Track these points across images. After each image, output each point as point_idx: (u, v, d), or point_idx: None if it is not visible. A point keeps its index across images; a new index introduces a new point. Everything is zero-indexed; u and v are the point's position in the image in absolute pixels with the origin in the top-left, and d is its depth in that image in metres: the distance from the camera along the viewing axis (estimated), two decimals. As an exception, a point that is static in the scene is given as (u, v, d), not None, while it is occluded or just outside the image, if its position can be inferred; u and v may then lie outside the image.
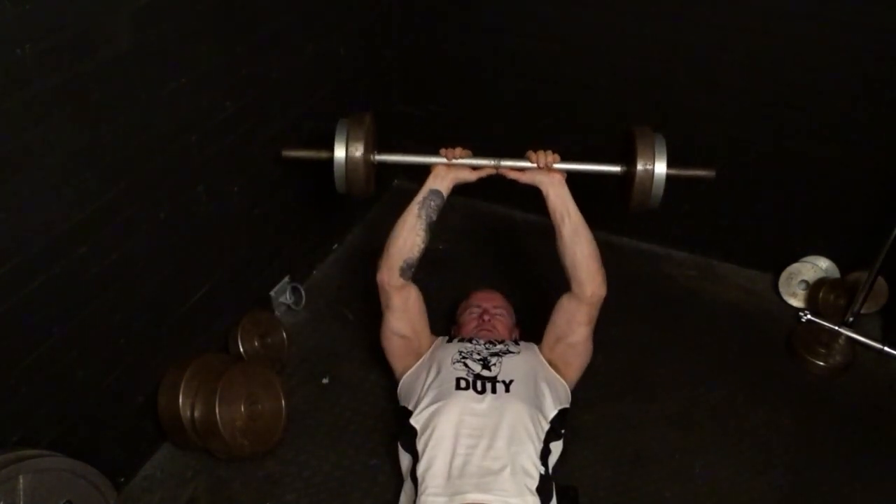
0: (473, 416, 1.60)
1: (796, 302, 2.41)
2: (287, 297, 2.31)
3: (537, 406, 1.67)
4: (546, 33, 2.35)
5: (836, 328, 2.15)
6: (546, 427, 1.65)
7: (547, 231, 1.82)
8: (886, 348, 2.11)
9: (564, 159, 1.80)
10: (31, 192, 1.34)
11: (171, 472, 1.84)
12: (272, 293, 2.26)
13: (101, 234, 1.53)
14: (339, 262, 2.57)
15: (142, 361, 1.76)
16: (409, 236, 1.78)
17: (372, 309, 2.31)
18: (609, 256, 1.84)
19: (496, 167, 1.82)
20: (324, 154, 1.82)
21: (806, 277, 2.39)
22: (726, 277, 2.53)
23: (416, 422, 1.65)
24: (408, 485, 1.62)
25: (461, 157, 1.82)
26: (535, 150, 1.79)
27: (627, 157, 1.80)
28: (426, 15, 2.51)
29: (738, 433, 1.98)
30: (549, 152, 1.79)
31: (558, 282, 1.90)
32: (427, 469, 1.55)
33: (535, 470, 1.54)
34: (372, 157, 1.85)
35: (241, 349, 2.02)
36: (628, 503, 1.81)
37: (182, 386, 1.76)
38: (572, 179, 1.83)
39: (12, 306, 1.37)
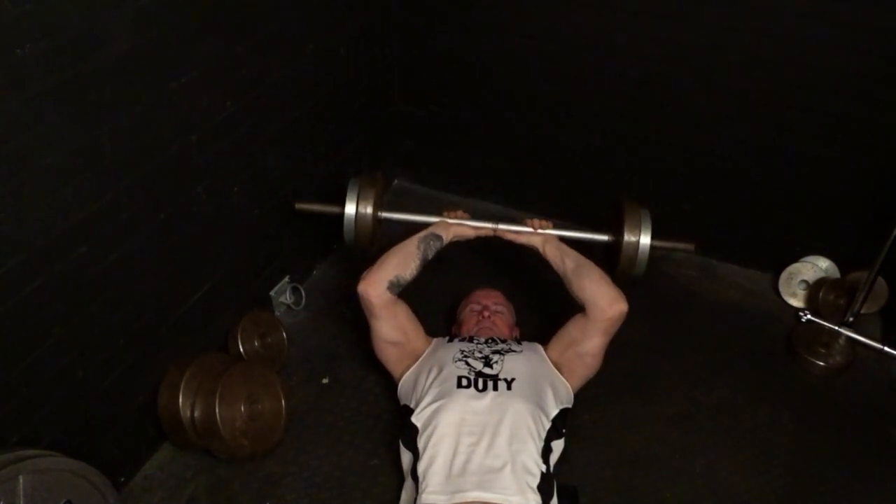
0: (475, 414, 1.60)
1: (796, 302, 2.41)
2: (287, 297, 2.31)
3: (539, 404, 1.67)
4: (546, 33, 2.35)
5: (836, 328, 2.15)
6: (547, 425, 1.65)
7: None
8: (886, 348, 2.11)
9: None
10: (31, 192, 1.34)
11: (171, 472, 1.84)
12: (272, 293, 2.26)
13: (101, 234, 1.53)
14: (339, 262, 2.56)
15: (142, 361, 1.76)
16: (406, 259, 1.85)
17: (372, 309, 2.32)
18: (609, 256, 1.85)
19: (494, 230, 1.99)
20: (335, 209, 2.00)
21: (806, 277, 2.39)
22: (726, 277, 2.53)
23: (417, 420, 1.65)
24: (408, 483, 1.63)
25: (462, 219, 1.97)
26: (531, 218, 2.00)
27: (615, 227, 1.98)
28: (426, 15, 2.51)
29: (738, 433, 1.98)
30: (544, 220, 1.99)
31: (558, 282, 1.90)
32: (428, 467, 1.55)
33: (536, 468, 1.54)
34: (378, 214, 2.02)
35: (241, 349, 2.02)
36: (628, 503, 1.81)
37: (182, 386, 1.76)
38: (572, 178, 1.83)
39: (12, 306, 1.37)
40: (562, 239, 1.95)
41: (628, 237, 1.90)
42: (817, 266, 2.38)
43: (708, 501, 1.81)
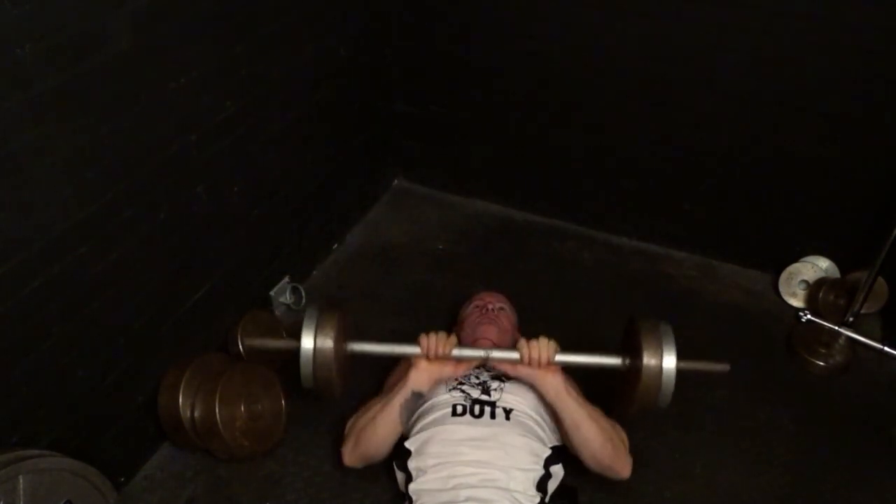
0: (468, 448, 1.56)
1: (796, 302, 2.41)
2: (287, 297, 2.31)
3: (538, 436, 1.63)
4: (546, 33, 2.35)
5: (836, 328, 2.15)
6: (546, 454, 1.61)
7: (547, 231, 1.82)
8: (886, 348, 2.11)
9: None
10: (31, 192, 1.34)
11: (171, 472, 1.84)
12: (272, 293, 2.26)
13: (101, 234, 1.53)
14: (339, 262, 2.57)
15: (142, 361, 1.76)
16: (387, 435, 1.66)
17: (372, 308, 2.32)
18: (609, 256, 1.83)
19: (485, 360, 1.65)
20: (290, 344, 1.59)
21: (806, 277, 2.39)
22: (726, 277, 2.53)
23: (410, 445, 1.63)
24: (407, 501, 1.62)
25: (443, 350, 1.61)
26: (528, 341, 1.60)
27: (630, 349, 1.62)
28: (426, 15, 2.51)
29: (739, 433, 1.98)
30: (545, 344, 1.60)
31: (558, 282, 1.90)
32: (420, 487, 1.54)
33: (534, 494, 1.53)
34: (345, 348, 1.65)
35: (241, 349, 2.02)
36: (628, 503, 1.81)
37: (182, 386, 1.76)
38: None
39: (12, 306, 1.37)
40: (566, 368, 1.64)
41: (648, 360, 1.54)
42: (817, 266, 2.38)
43: (708, 501, 1.81)
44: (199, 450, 1.85)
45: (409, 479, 1.59)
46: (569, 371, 1.67)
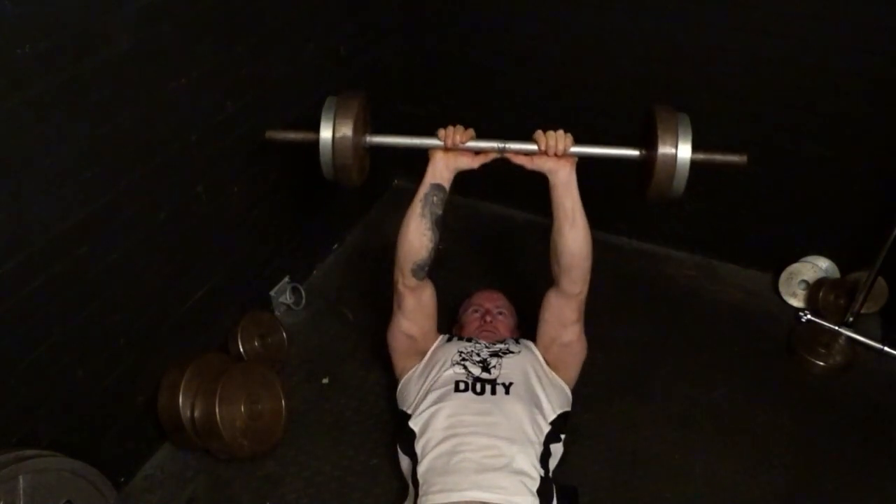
0: (472, 417, 1.60)
1: (796, 302, 2.41)
2: (287, 297, 2.31)
3: (538, 408, 1.67)
4: (546, 33, 2.35)
5: (836, 328, 2.15)
6: (546, 429, 1.65)
7: (547, 231, 1.81)
8: (886, 348, 2.11)
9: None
10: (31, 192, 1.34)
11: (171, 472, 1.84)
12: (272, 293, 2.26)
13: (101, 234, 1.53)
14: (339, 262, 2.57)
15: (142, 361, 1.76)
16: (416, 238, 1.69)
17: (372, 309, 2.32)
18: (609, 256, 1.83)
19: (501, 151, 1.69)
20: (311, 136, 1.65)
21: (806, 277, 2.39)
22: (726, 277, 2.53)
23: (414, 424, 1.64)
24: (410, 490, 1.62)
25: (461, 142, 1.66)
26: (545, 131, 1.63)
27: (647, 141, 1.63)
28: (426, 14, 2.51)
29: (738, 433, 1.98)
30: (561, 134, 1.63)
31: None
32: (427, 470, 1.55)
33: (535, 472, 1.54)
34: (364, 139, 1.70)
35: (241, 349, 2.02)
36: (628, 503, 1.81)
37: (182, 386, 1.76)
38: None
39: (12, 306, 1.37)
40: (584, 158, 1.67)
41: (663, 149, 1.57)
42: (817, 266, 2.38)
43: (708, 501, 1.81)
44: (199, 450, 1.85)
45: (414, 462, 1.59)
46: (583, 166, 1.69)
